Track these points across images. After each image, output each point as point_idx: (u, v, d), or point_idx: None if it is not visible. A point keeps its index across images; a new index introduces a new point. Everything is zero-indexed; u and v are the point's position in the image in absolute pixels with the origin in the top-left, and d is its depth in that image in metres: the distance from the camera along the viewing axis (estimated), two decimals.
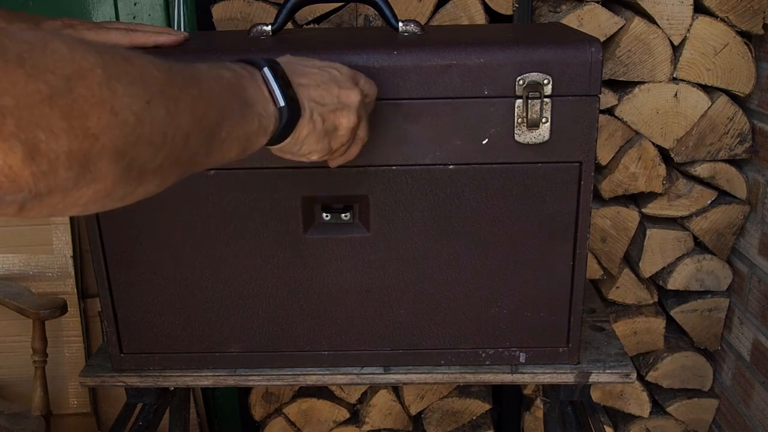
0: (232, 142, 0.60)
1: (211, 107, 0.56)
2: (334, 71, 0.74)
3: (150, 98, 0.48)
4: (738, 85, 1.36)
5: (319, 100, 0.71)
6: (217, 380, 1.00)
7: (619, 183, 1.43)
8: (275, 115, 0.65)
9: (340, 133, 0.74)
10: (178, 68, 0.54)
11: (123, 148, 0.46)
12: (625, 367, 1.00)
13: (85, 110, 0.43)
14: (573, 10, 1.33)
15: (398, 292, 0.95)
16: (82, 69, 0.44)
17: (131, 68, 0.48)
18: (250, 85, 0.63)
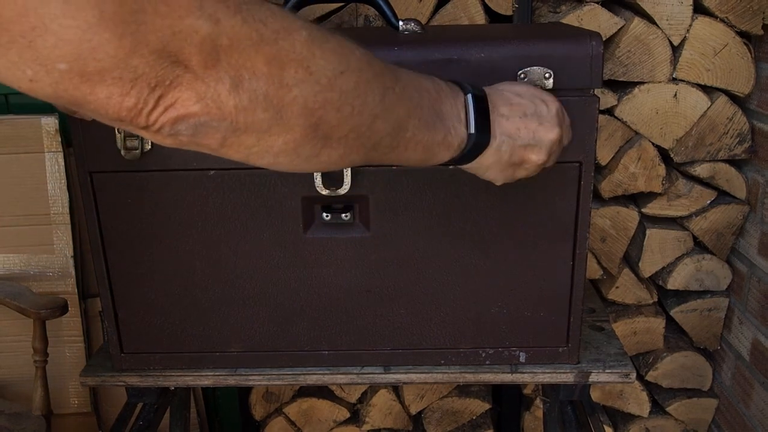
0: (416, 144, 0.62)
1: (401, 102, 0.59)
2: (542, 105, 0.73)
3: (344, 69, 0.52)
4: (737, 85, 1.36)
5: (514, 134, 0.71)
6: (218, 380, 1.01)
7: (618, 183, 1.43)
8: (463, 137, 0.66)
9: (527, 166, 0.73)
10: (381, 61, 0.58)
11: (312, 106, 0.50)
12: (624, 366, 1.00)
13: (285, 62, 0.48)
14: (573, 11, 1.33)
15: (398, 292, 0.96)
16: (290, 27, 0.49)
17: (334, 41, 0.52)
18: (447, 102, 0.65)
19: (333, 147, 0.54)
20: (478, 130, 0.67)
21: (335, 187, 0.90)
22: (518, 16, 1.33)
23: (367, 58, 0.56)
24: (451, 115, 0.65)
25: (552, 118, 0.73)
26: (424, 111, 0.62)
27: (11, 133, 1.50)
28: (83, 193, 0.91)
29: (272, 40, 0.47)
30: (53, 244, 1.57)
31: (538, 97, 0.73)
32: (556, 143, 0.73)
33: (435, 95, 0.64)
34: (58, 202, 1.53)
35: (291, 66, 0.48)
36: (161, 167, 0.90)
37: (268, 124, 0.49)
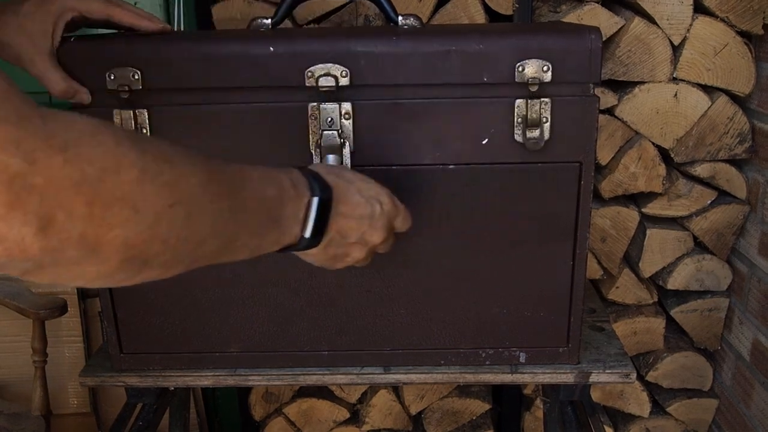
0: (243, 249, 0.62)
1: (236, 221, 0.59)
2: (377, 207, 0.75)
3: (175, 202, 0.51)
4: (738, 85, 1.36)
5: (345, 233, 0.73)
6: (217, 380, 1.00)
7: (618, 183, 1.43)
8: (296, 237, 0.68)
9: (347, 260, 0.77)
10: (220, 175, 0.57)
11: (134, 242, 0.48)
12: (625, 367, 1.00)
13: (109, 202, 0.46)
14: (573, 10, 1.33)
15: (398, 292, 0.95)
16: (120, 165, 0.47)
17: (169, 171, 0.51)
18: (289, 205, 0.65)
19: (152, 269, 0.53)
20: (313, 234, 0.68)
21: None
22: (518, 16, 1.33)
23: (205, 181, 0.54)
24: (289, 218, 0.66)
25: (382, 219, 0.76)
26: (260, 220, 0.62)
27: None
28: None
29: (96, 180, 0.45)
30: None
31: (375, 197, 0.75)
32: (379, 245, 0.77)
33: (278, 202, 0.64)
34: None
35: (115, 206, 0.46)
36: None
37: (79, 260, 0.46)
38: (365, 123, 0.87)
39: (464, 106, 0.86)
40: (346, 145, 0.87)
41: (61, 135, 0.44)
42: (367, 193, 0.75)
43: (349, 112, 0.86)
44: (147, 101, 0.87)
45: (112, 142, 0.47)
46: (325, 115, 0.86)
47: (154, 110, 0.87)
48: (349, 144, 0.87)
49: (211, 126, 0.88)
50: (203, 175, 0.54)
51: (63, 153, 0.43)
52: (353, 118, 0.86)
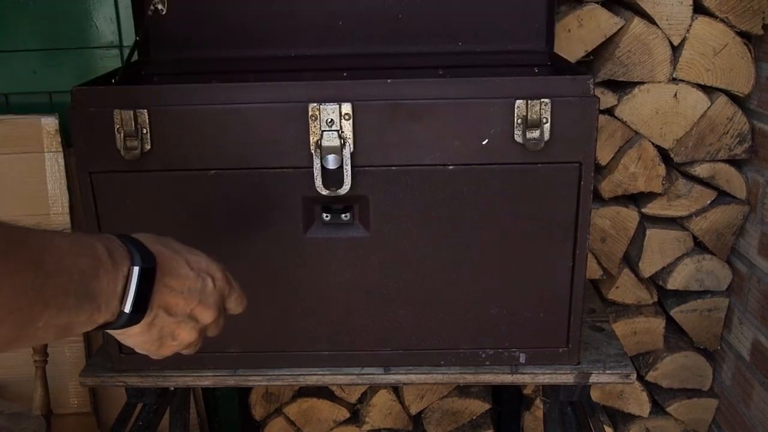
0: (48, 329, 0.55)
1: (38, 297, 0.52)
2: (209, 281, 0.69)
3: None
4: (737, 85, 1.36)
5: (172, 309, 0.66)
6: (218, 380, 1.01)
7: (618, 183, 1.43)
8: (114, 313, 0.60)
9: (174, 344, 0.69)
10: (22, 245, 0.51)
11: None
12: (624, 367, 1.00)
13: None
14: (572, 11, 1.33)
15: (398, 292, 0.95)
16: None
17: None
18: (105, 277, 0.58)
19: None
20: (133, 309, 0.61)
21: (335, 188, 0.89)
22: None
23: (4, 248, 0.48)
24: (105, 292, 0.58)
25: (214, 295, 0.69)
26: (68, 298, 0.55)
27: (11, 133, 1.49)
28: (83, 193, 0.91)
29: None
30: None
31: (205, 270, 0.69)
32: (211, 326, 0.71)
33: (91, 274, 0.57)
34: (57, 202, 1.53)
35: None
36: (161, 167, 0.90)
37: None
38: (365, 123, 0.87)
39: (464, 106, 0.86)
40: (346, 146, 0.87)
41: None
42: (197, 266, 0.68)
43: (349, 113, 0.86)
44: (147, 101, 0.87)
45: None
46: (325, 115, 0.86)
47: (153, 110, 0.87)
48: (349, 144, 0.87)
49: (211, 126, 0.88)
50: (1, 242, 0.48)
51: None
52: (353, 118, 0.87)
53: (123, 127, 0.87)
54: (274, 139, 0.88)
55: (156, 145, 0.88)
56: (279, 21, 1.15)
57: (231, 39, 1.15)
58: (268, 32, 1.15)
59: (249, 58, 1.15)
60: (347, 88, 0.87)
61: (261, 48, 1.15)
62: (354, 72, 1.11)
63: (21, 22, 1.50)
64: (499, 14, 1.13)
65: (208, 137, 0.88)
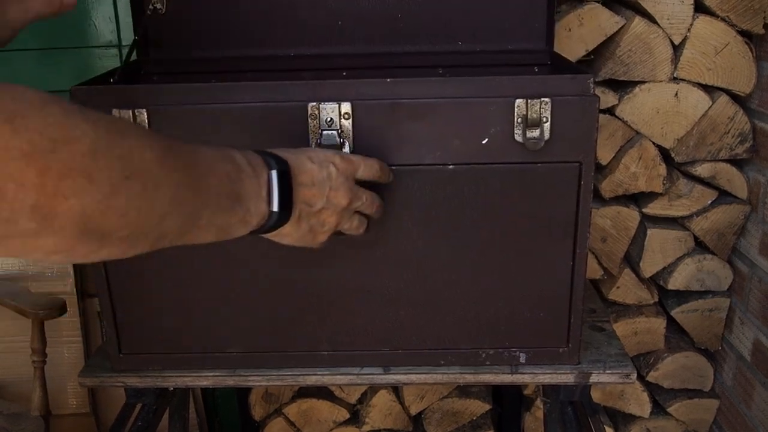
0: (210, 227, 0.61)
1: (196, 195, 0.58)
2: (331, 168, 0.76)
3: (131, 174, 0.50)
4: (739, 84, 1.36)
5: (311, 201, 0.74)
6: (217, 380, 1.00)
7: (619, 183, 1.43)
8: (264, 215, 0.68)
9: (325, 230, 0.78)
10: (176, 151, 0.56)
11: (90, 213, 0.47)
12: (625, 367, 0.99)
13: (63, 173, 0.45)
14: (573, 10, 1.33)
15: (398, 292, 0.95)
16: (71, 136, 0.46)
17: (122, 143, 0.50)
18: (248, 182, 0.65)
19: (114, 245, 0.52)
20: (281, 207, 0.69)
21: None
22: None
23: (160, 155, 0.54)
24: (251, 196, 0.65)
25: (340, 179, 0.77)
26: (221, 198, 0.61)
27: None
28: None
29: (47, 151, 0.45)
30: None
31: (326, 160, 0.76)
32: (347, 208, 0.78)
33: (235, 177, 0.63)
34: None
35: (69, 176, 0.46)
36: None
37: (35, 231, 0.46)
38: (365, 123, 0.87)
39: (464, 105, 0.86)
40: (346, 145, 0.87)
41: (8, 106, 0.43)
42: (318, 158, 0.75)
43: (348, 112, 0.86)
44: (146, 101, 0.87)
45: (61, 114, 0.46)
46: (325, 115, 0.86)
47: (152, 110, 0.87)
48: (349, 144, 0.87)
49: (211, 126, 0.88)
50: (158, 149, 0.53)
51: (10, 124, 0.43)
52: (353, 118, 0.86)
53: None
54: (274, 139, 0.88)
55: None
56: (278, 20, 1.14)
57: (230, 38, 1.15)
58: (268, 32, 1.15)
59: (248, 58, 1.14)
60: (347, 88, 0.86)
61: (260, 47, 1.15)
62: (354, 71, 1.11)
63: None
64: (499, 13, 1.13)
65: (208, 137, 0.88)
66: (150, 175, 0.52)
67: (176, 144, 0.57)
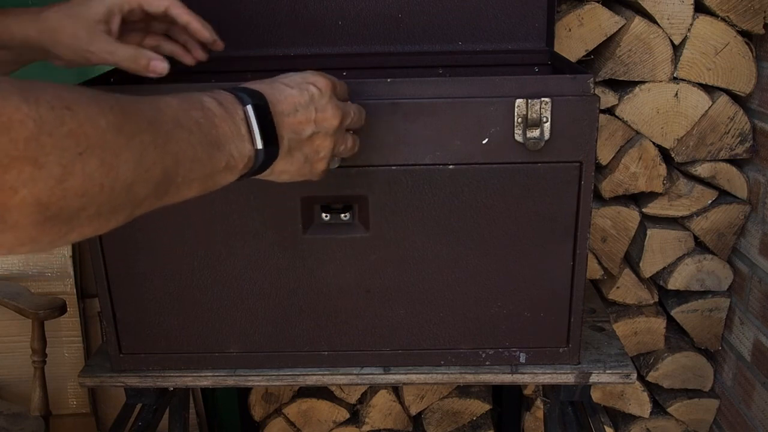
0: (190, 183, 0.57)
1: (165, 154, 0.53)
2: (312, 89, 0.71)
3: (84, 149, 0.46)
4: (739, 84, 1.36)
5: (297, 129, 0.69)
6: (217, 380, 1.00)
7: (619, 183, 1.43)
8: (250, 155, 0.63)
9: (322, 156, 0.73)
10: (134, 112, 0.52)
11: (46, 200, 0.44)
12: (625, 367, 0.99)
13: (5, 163, 0.42)
14: (573, 10, 1.33)
15: (398, 292, 0.95)
16: (11, 121, 0.42)
17: (70, 119, 0.46)
18: (224, 124, 0.60)
19: (84, 225, 0.48)
20: (266, 143, 0.64)
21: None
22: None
23: (117, 121, 0.49)
24: (230, 138, 0.61)
25: (325, 99, 0.71)
26: (196, 149, 0.57)
27: None
28: None
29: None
30: None
31: (304, 82, 0.71)
32: (339, 128, 0.73)
33: (207, 123, 0.59)
34: None
35: (14, 166, 0.42)
36: None
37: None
38: (365, 123, 0.87)
39: (464, 105, 0.86)
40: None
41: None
42: (294, 82, 0.71)
43: None
44: None
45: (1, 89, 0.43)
46: None
47: None
48: None
49: None
50: (112, 116, 0.49)
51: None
52: None
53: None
54: None
55: None
56: (278, 20, 1.14)
57: (230, 38, 1.15)
58: (268, 32, 1.15)
59: (248, 58, 1.14)
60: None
61: (260, 47, 1.15)
62: (354, 71, 1.11)
63: None
64: (499, 13, 1.13)
65: None
66: (107, 146, 0.48)
67: (133, 104, 0.53)
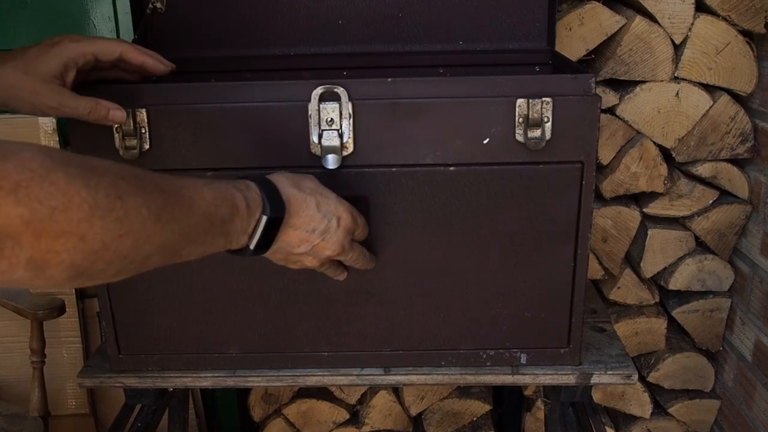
0: (190, 255, 0.65)
1: (183, 240, 0.61)
2: (333, 222, 0.78)
3: (124, 233, 0.54)
4: (740, 84, 1.36)
5: (294, 243, 0.77)
6: (217, 381, 1.00)
7: (620, 183, 1.42)
8: (242, 246, 0.71)
9: (300, 265, 0.81)
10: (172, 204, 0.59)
11: (81, 264, 0.52)
12: (626, 368, 0.99)
13: (57, 234, 0.49)
14: (574, 9, 1.32)
15: (398, 293, 0.95)
16: (70, 203, 0.50)
17: (120, 207, 0.53)
18: (240, 221, 0.68)
19: (98, 279, 0.56)
20: (257, 249, 0.72)
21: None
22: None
23: (157, 212, 0.57)
24: (238, 231, 0.69)
25: (337, 236, 0.79)
26: (207, 236, 0.65)
27: (9, 132, 1.49)
28: None
29: (46, 217, 0.48)
30: None
31: (333, 213, 0.78)
32: (332, 257, 0.81)
33: (228, 219, 0.67)
34: None
35: (63, 237, 0.50)
36: (160, 167, 0.89)
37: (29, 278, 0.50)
38: (365, 123, 0.86)
39: (465, 105, 0.86)
40: (348, 147, 0.86)
41: (13, 176, 0.47)
42: (325, 208, 0.77)
43: (349, 112, 0.86)
44: (145, 100, 0.86)
45: (64, 181, 0.50)
46: (325, 115, 0.86)
47: (152, 109, 0.86)
48: (349, 144, 0.87)
49: (211, 126, 0.87)
50: (155, 206, 0.57)
51: (14, 195, 0.47)
52: (353, 118, 0.86)
53: (121, 126, 0.86)
54: (274, 139, 0.87)
55: (155, 144, 0.88)
56: (278, 20, 1.14)
57: (230, 38, 1.14)
58: (268, 31, 1.15)
59: (248, 57, 1.14)
60: (347, 87, 0.86)
61: (260, 47, 1.15)
62: (354, 71, 1.11)
63: (19, 20, 1.50)
64: (500, 13, 1.13)
65: (207, 137, 0.88)
66: (143, 231, 0.56)
67: (176, 191, 0.60)
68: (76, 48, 0.82)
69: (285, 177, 0.77)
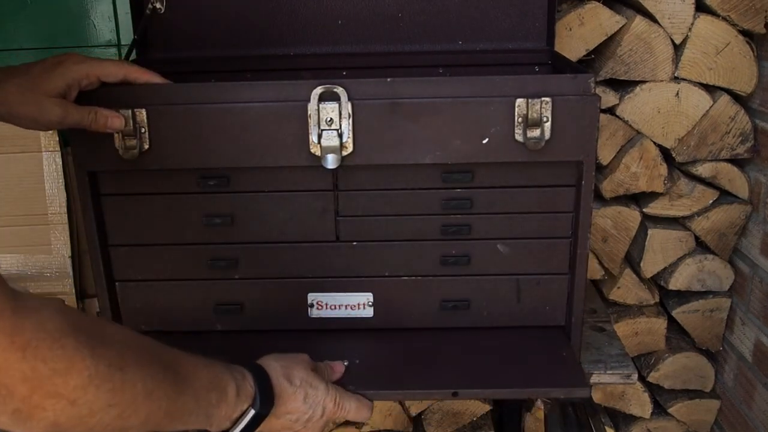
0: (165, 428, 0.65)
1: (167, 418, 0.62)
2: (317, 412, 0.79)
3: (114, 404, 0.55)
4: (740, 84, 1.36)
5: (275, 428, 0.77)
6: None
7: (620, 183, 1.42)
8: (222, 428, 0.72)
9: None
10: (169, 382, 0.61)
11: (62, 424, 0.53)
12: (626, 367, 0.99)
13: (50, 395, 0.51)
14: (573, 9, 1.32)
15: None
16: (72, 368, 0.52)
17: (119, 379, 0.55)
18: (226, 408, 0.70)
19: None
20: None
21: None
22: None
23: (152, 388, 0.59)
24: (221, 416, 0.70)
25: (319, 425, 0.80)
26: (191, 416, 0.66)
27: (9, 132, 1.49)
28: (81, 192, 0.91)
29: (45, 378, 0.50)
30: (51, 245, 1.56)
31: (320, 404, 0.79)
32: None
33: (215, 404, 0.68)
34: (55, 202, 1.53)
35: (55, 398, 0.51)
36: (159, 166, 0.89)
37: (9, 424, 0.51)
38: (365, 123, 0.86)
39: (464, 105, 0.86)
40: (347, 147, 0.87)
41: (27, 334, 0.49)
42: (312, 399, 0.79)
43: (348, 112, 0.86)
44: (145, 100, 0.87)
45: (72, 348, 0.52)
46: (325, 114, 0.86)
47: (152, 109, 0.86)
48: (349, 143, 0.87)
49: (210, 125, 0.87)
50: (151, 382, 0.59)
51: (22, 351, 0.49)
52: (353, 118, 0.86)
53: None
54: (274, 139, 0.87)
55: (155, 144, 0.88)
56: (278, 20, 1.14)
57: (230, 38, 1.14)
58: (268, 31, 1.15)
59: (248, 57, 1.14)
60: (347, 87, 0.86)
61: (260, 47, 1.15)
62: (354, 71, 1.11)
63: (18, 20, 1.50)
64: (500, 13, 1.13)
65: (207, 136, 0.88)
66: (132, 405, 0.57)
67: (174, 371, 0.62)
68: (80, 70, 0.83)
69: (278, 364, 0.78)
